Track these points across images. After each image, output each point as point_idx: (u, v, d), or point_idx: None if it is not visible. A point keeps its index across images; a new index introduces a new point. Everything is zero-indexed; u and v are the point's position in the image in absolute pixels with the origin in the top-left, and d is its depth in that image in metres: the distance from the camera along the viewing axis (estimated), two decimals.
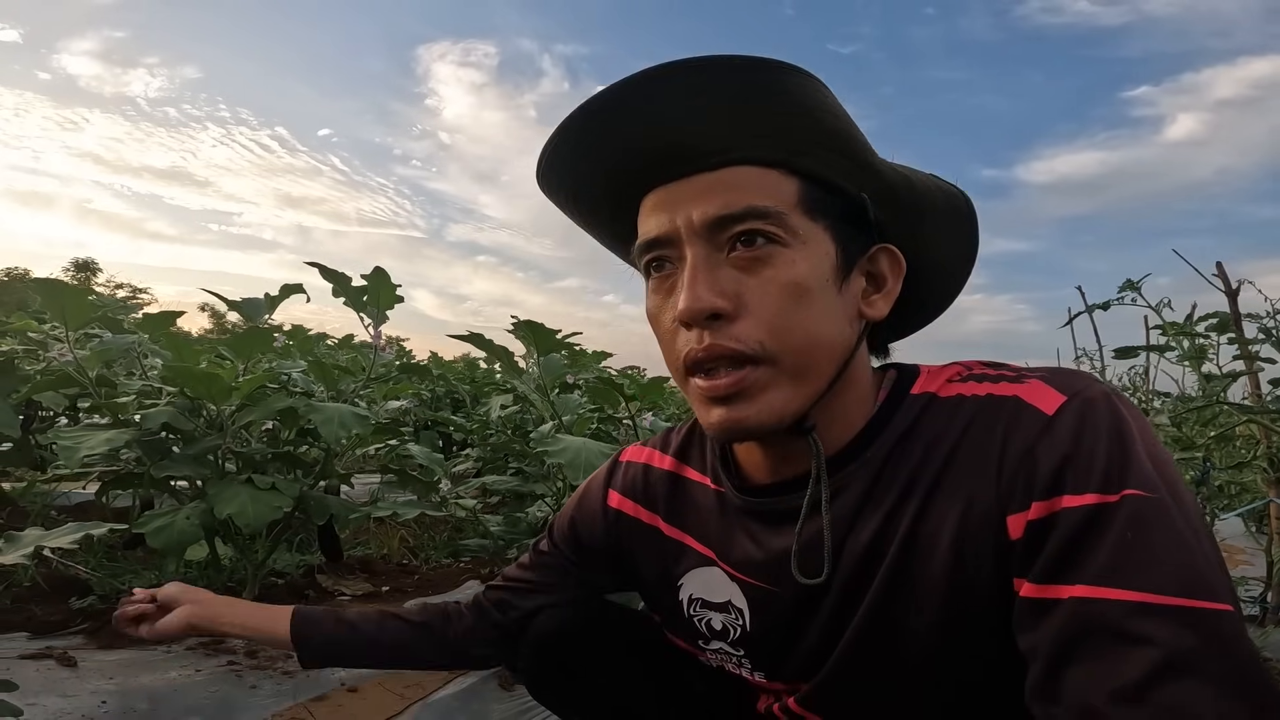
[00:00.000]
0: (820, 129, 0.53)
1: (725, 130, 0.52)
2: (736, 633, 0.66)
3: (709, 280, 0.52)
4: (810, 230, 0.53)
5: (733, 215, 0.52)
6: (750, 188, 0.52)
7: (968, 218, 0.63)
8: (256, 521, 1.34)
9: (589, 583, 0.80)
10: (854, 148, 0.54)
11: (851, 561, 0.56)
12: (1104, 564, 0.43)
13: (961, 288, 0.66)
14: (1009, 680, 0.52)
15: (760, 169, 0.53)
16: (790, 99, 0.51)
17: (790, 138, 0.53)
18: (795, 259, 0.52)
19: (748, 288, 0.52)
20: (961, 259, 0.65)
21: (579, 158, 0.57)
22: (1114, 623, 0.41)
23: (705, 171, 0.53)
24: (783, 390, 0.53)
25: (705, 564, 0.68)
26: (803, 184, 0.54)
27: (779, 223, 0.52)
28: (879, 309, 0.58)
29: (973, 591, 0.51)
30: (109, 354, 1.48)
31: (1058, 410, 0.49)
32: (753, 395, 0.53)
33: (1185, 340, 1.62)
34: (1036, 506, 0.47)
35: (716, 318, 0.52)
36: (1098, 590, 0.43)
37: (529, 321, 1.47)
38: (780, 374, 0.53)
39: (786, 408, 0.54)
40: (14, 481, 2.44)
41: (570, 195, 0.62)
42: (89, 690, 1.30)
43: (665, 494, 0.72)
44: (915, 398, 0.57)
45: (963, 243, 0.64)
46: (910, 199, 0.58)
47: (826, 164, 0.54)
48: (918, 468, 0.54)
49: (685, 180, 0.54)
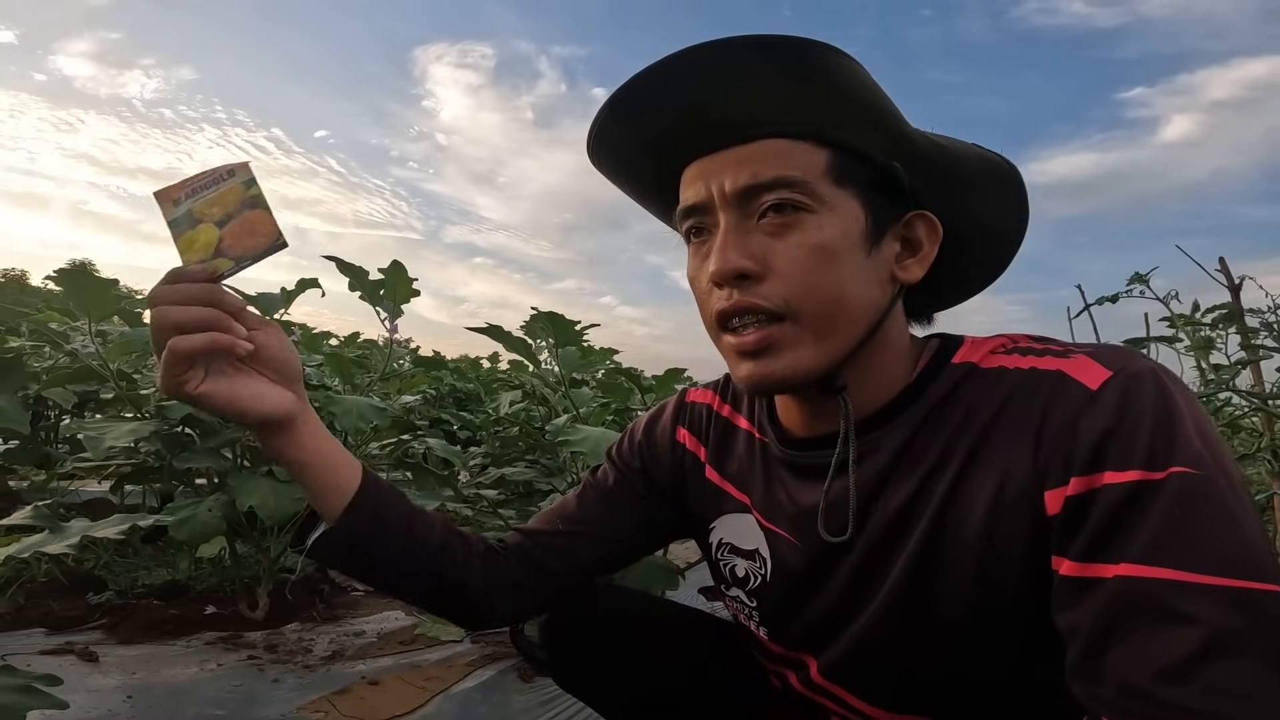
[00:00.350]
0: (851, 102, 0.55)
1: (759, 105, 0.55)
2: (756, 581, 0.68)
3: (739, 244, 0.55)
4: (838, 197, 0.55)
5: (761, 184, 0.55)
6: (780, 159, 0.55)
7: (1013, 186, 0.63)
8: (278, 513, 1.34)
9: (644, 520, 0.77)
10: (885, 119, 0.57)
11: (880, 525, 0.57)
12: (1149, 542, 0.42)
13: (1011, 257, 0.67)
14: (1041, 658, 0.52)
15: (791, 141, 0.56)
16: (822, 74, 0.54)
17: (821, 111, 0.55)
18: (822, 224, 0.55)
19: (775, 251, 0.55)
20: (1008, 227, 0.65)
21: (626, 132, 0.61)
22: (1159, 601, 0.41)
23: (741, 144, 0.56)
24: (808, 347, 0.55)
25: (739, 510, 0.70)
26: (832, 154, 0.56)
27: (805, 190, 0.55)
28: (913, 273, 0.59)
29: (1006, 568, 0.51)
30: (131, 346, 1.48)
31: (1102, 385, 0.48)
32: (779, 350, 0.56)
33: (1193, 331, 1.64)
34: (1076, 482, 0.46)
35: (745, 278, 0.55)
36: (1143, 569, 0.42)
37: (549, 313, 1.48)
38: (804, 330, 0.55)
39: (812, 363, 0.56)
40: (19, 480, 2.43)
41: (620, 167, 0.66)
42: (112, 685, 1.30)
43: (716, 438, 0.74)
44: (955, 366, 0.58)
45: (1008, 211, 0.64)
46: (946, 167, 0.60)
47: (856, 135, 0.56)
48: (954, 436, 0.54)
49: (723, 152, 0.57)
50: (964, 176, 0.61)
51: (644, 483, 0.77)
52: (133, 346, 1.49)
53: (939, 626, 0.56)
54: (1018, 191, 0.64)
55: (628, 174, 0.67)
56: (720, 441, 0.74)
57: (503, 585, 0.71)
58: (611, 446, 0.82)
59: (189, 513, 1.32)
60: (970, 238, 0.63)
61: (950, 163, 0.60)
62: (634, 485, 0.77)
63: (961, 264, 0.64)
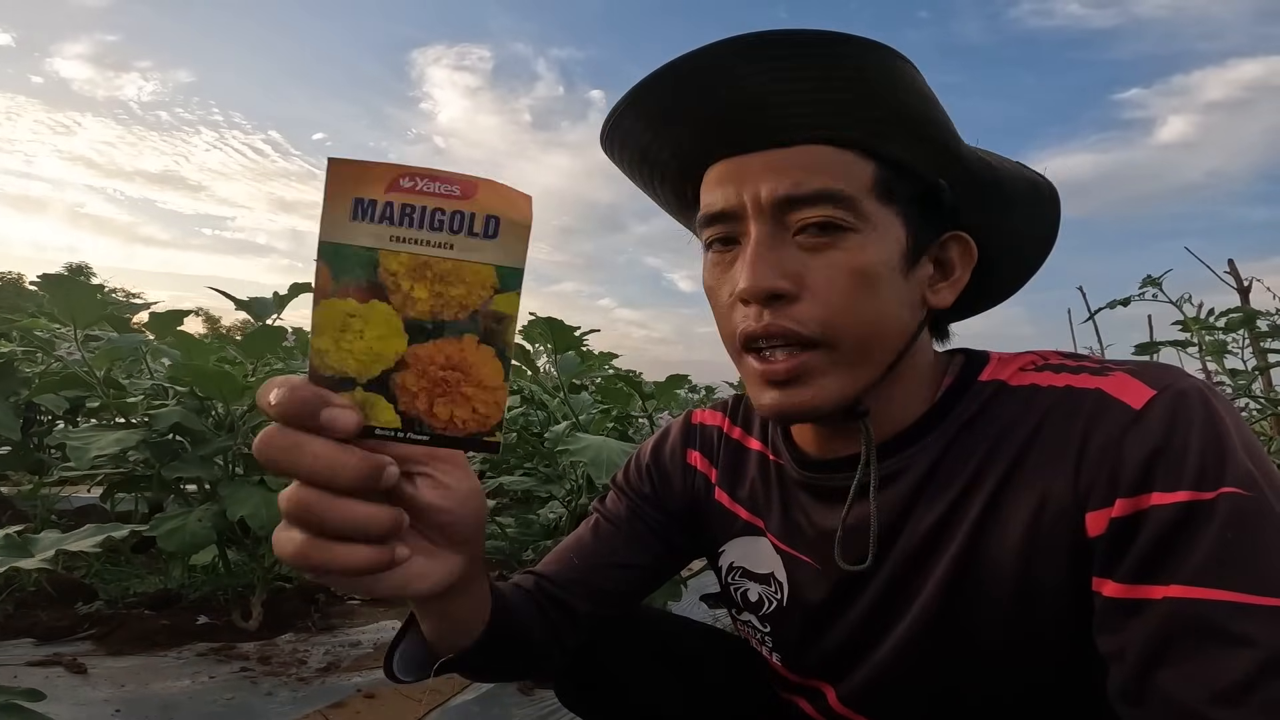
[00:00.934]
0: (904, 112, 0.50)
1: (806, 105, 0.50)
2: (770, 606, 0.65)
3: (773, 259, 0.50)
4: (881, 215, 0.51)
5: (804, 196, 0.50)
6: (824, 168, 0.50)
7: (1051, 207, 0.60)
8: (271, 524, 1.31)
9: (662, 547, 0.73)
10: (937, 132, 0.52)
11: (907, 549, 0.55)
12: (1201, 563, 0.41)
13: (1034, 273, 0.65)
14: (1076, 684, 0.50)
15: (836, 149, 0.51)
16: (876, 78, 0.49)
17: (872, 119, 0.50)
18: (864, 244, 0.51)
19: (811, 269, 0.50)
20: (1037, 249, 0.63)
21: (651, 121, 0.55)
22: (1213, 623, 0.40)
23: (779, 147, 0.51)
24: (839, 376, 0.52)
25: (751, 533, 0.67)
26: (879, 167, 0.51)
27: (850, 207, 0.50)
28: (944, 298, 0.56)
29: (1043, 590, 0.49)
30: (118, 353, 1.45)
31: (1146, 404, 0.46)
32: (809, 380, 0.52)
33: (1207, 335, 1.61)
34: (1122, 503, 0.44)
35: (777, 298, 0.51)
36: (1195, 590, 0.41)
37: (548, 318, 1.45)
38: (838, 360, 0.52)
39: (842, 393, 0.52)
40: (12, 485, 2.40)
41: (636, 158, 0.60)
42: (101, 698, 1.27)
43: (727, 460, 0.71)
44: (983, 385, 0.55)
45: (1041, 232, 0.62)
46: (992, 187, 0.56)
47: (907, 148, 0.52)
48: (986, 457, 0.52)
49: (758, 154, 0.52)
50: (1008, 197, 0.57)
51: (657, 509, 0.73)
52: (119, 354, 1.46)
53: (968, 652, 0.53)
54: (1053, 212, 0.61)
55: (644, 166, 0.61)
56: (731, 464, 0.71)
57: (549, 634, 0.65)
58: (618, 474, 0.79)
59: (178, 523, 1.29)
60: (1000, 257, 0.60)
61: (997, 182, 0.56)
62: (647, 513, 0.73)
63: (987, 283, 0.61)
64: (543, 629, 0.64)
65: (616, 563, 0.70)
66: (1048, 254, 0.63)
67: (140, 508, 2.08)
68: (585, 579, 0.68)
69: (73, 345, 1.36)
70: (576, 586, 0.67)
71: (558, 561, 0.70)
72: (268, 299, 1.71)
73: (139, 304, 1.73)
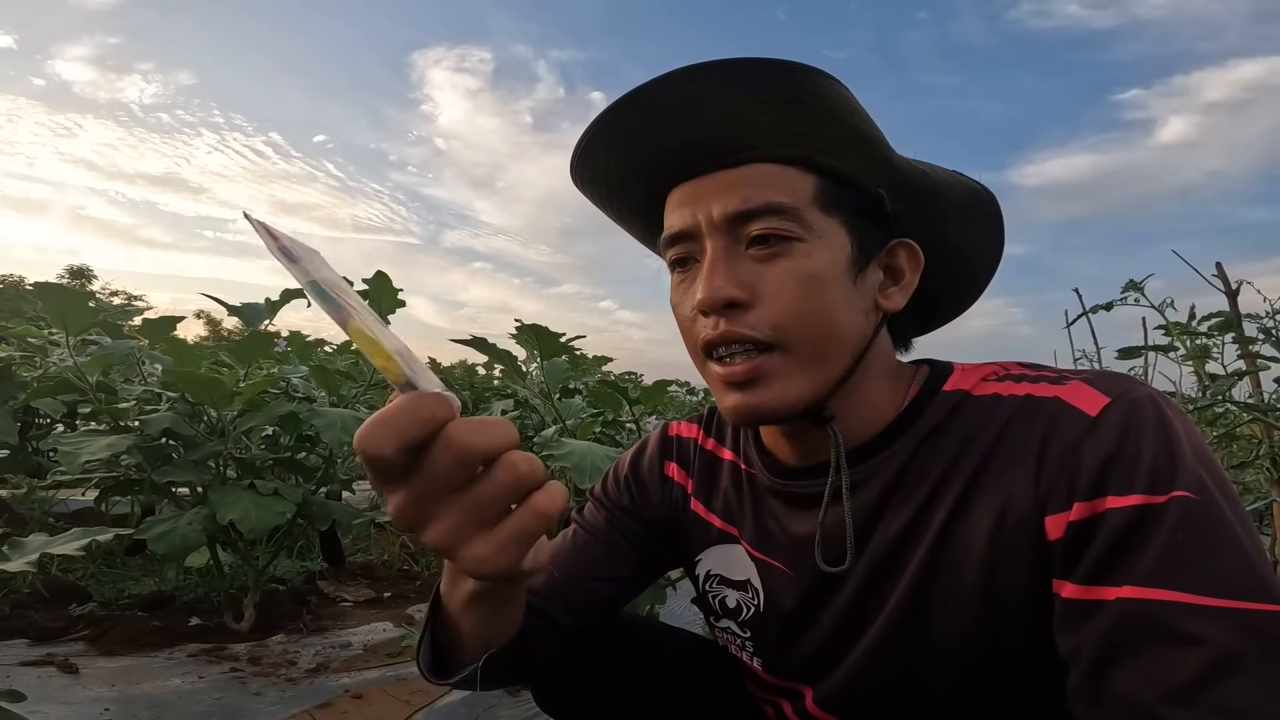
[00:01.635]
0: (839, 128, 0.54)
1: (748, 128, 0.54)
2: (749, 612, 0.66)
3: (727, 271, 0.54)
4: (826, 225, 0.54)
5: (751, 210, 0.53)
6: (769, 184, 0.54)
7: (990, 213, 0.63)
8: (260, 527, 1.33)
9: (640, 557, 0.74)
10: (872, 146, 0.56)
11: (876, 554, 0.56)
12: (1153, 565, 0.42)
13: (986, 283, 0.67)
14: (1042, 686, 0.52)
15: (780, 166, 0.55)
16: (811, 99, 0.53)
17: (810, 136, 0.54)
18: (811, 251, 0.54)
19: (763, 279, 0.54)
20: (985, 254, 0.65)
21: (612, 154, 0.60)
22: (1165, 623, 0.41)
23: (728, 168, 0.55)
24: (797, 377, 0.55)
25: (726, 541, 0.69)
26: (820, 180, 0.55)
27: (794, 218, 0.53)
28: (895, 301, 0.59)
29: (1007, 593, 0.51)
30: (109, 359, 1.47)
31: (1101, 411, 0.48)
32: (768, 381, 0.54)
33: (1189, 340, 1.62)
34: (1079, 507, 0.46)
35: (733, 306, 0.54)
36: (1147, 591, 0.42)
37: (533, 325, 1.46)
38: (793, 360, 0.54)
39: (801, 393, 0.55)
40: (11, 488, 2.42)
41: (604, 190, 0.65)
42: (91, 697, 1.29)
43: (701, 470, 0.73)
44: (947, 394, 0.57)
45: (986, 238, 0.64)
46: (928, 194, 0.59)
47: (845, 161, 0.55)
48: (951, 464, 0.54)
49: (709, 176, 0.56)
50: (946, 204, 0.60)
51: (635, 520, 0.75)
52: (111, 360, 1.49)
53: (938, 654, 0.55)
54: (995, 220, 0.64)
55: (612, 197, 0.65)
56: (705, 474, 0.73)
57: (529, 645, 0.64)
58: (596, 485, 0.80)
59: (168, 526, 1.31)
60: (948, 265, 0.63)
61: (933, 190, 0.59)
62: (625, 524, 0.74)
63: (939, 291, 0.64)
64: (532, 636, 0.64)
65: (595, 574, 0.71)
66: (996, 262, 0.66)
67: (135, 510, 2.10)
68: (565, 591, 0.69)
69: (65, 351, 1.38)
70: (557, 598, 0.68)
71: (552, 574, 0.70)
72: (260, 305, 1.73)
73: (132, 310, 1.75)
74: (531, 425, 2.47)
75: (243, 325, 1.72)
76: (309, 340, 2.67)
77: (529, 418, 2.56)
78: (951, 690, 0.56)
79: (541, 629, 0.66)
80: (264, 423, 1.54)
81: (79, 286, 45.28)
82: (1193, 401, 1.72)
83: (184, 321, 1.78)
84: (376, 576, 2.25)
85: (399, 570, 2.38)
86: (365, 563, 2.36)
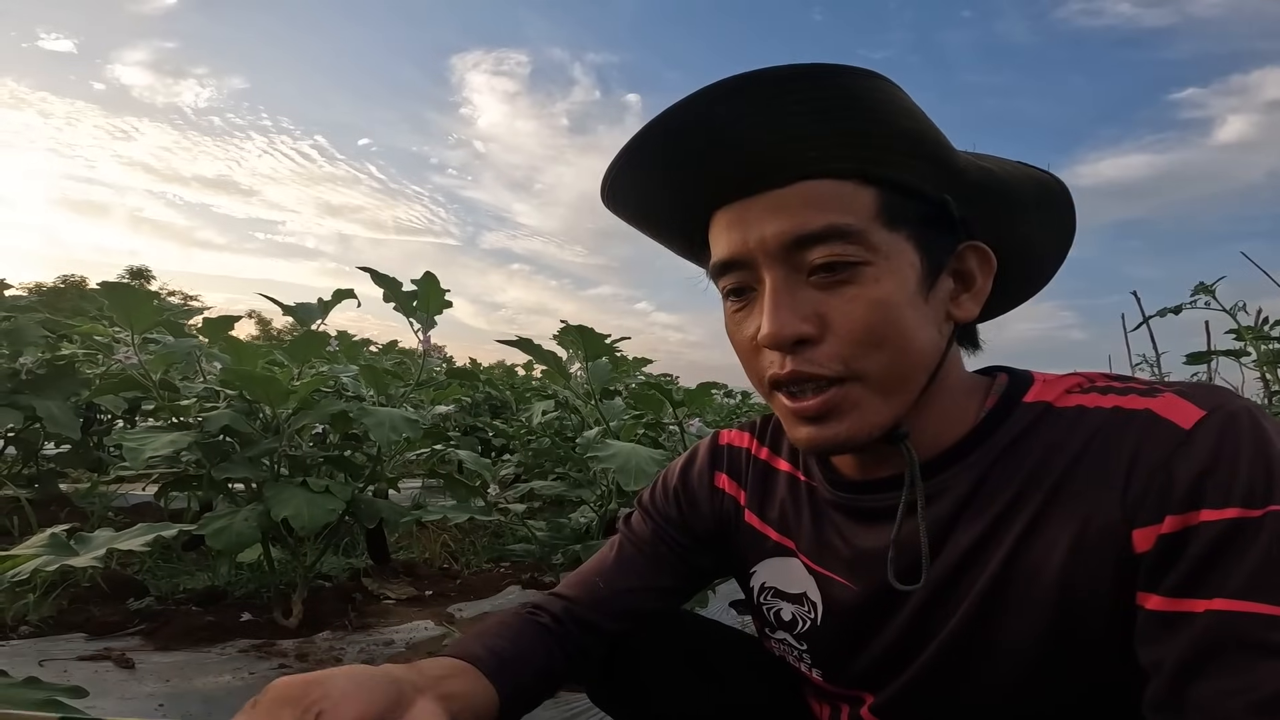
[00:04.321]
0: (895, 133, 0.50)
1: (794, 143, 0.50)
2: (805, 625, 0.65)
3: (791, 304, 0.51)
4: (892, 242, 0.51)
5: (810, 235, 0.50)
6: (826, 203, 0.50)
7: (1063, 205, 0.60)
8: (312, 524, 1.35)
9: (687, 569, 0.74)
10: (931, 148, 0.52)
11: (946, 568, 0.55)
12: (1246, 578, 0.41)
13: (1055, 272, 0.65)
14: (1107, 704, 0.50)
15: (835, 181, 0.51)
16: (861, 104, 0.49)
17: (864, 146, 0.50)
18: (880, 275, 0.51)
19: (831, 307, 0.51)
20: (1055, 245, 0.63)
21: (645, 178, 0.57)
22: (1253, 636, 0.40)
23: (778, 187, 0.51)
24: (873, 406, 0.53)
25: (783, 554, 0.67)
26: (881, 193, 0.51)
27: (858, 240, 0.50)
28: (968, 310, 0.56)
29: (1085, 607, 0.49)
30: (173, 357, 1.51)
31: (1196, 424, 0.46)
32: (843, 413, 0.53)
33: (1261, 344, 1.55)
34: (1170, 520, 0.45)
35: (801, 342, 0.51)
36: (1238, 604, 0.41)
37: (579, 326, 1.46)
38: (869, 390, 0.52)
39: (877, 422, 0.53)
40: (73, 483, 2.52)
41: (639, 213, 0.62)
42: (145, 693, 1.32)
43: (755, 481, 0.71)
44: (1028, 406, 0.55)
45: (1058, 230, 0.62)
46: (997, 193, 0.56)
47: (904, 169, 0.52)
48: (1030, 477, 0.52)
49: (758, 197, 0.52)
50: (1016, 201, 0.57)
51: (683, 532, 0.74)
52: (174, 358, 1.53)
53: (1004, 664, 0.53)
54: (1067, 210, 0.61)
55: (648, 220, 0.63)
56: (759, 485, 0.71)
57: (576, 658, 0.68)
58: (644, 493, 0.79)
59: (225, 522, 1.34)
60: (1018, 260, 0.60)
61: (1002, 188, 0.56)
62: (673, 536, 0.74)
63: (1007, 286, 0.61)
64: (564, 655, 0.67)
65: (640, 586, 0.72)
66: (1066, 250, 0.64)
67: (192, 505, 2.16)
68: (610, 602, 0.70)
69: (130, 349, 1.42)
70: (602, 608, 0.69)
71: (582, 584, 0.72)
72: (313, 305, 1.77)
73: (193, 309, 1.81)
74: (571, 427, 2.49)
75: (295, 325, 1.76)
76: (356, 340, 2.72)
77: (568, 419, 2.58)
78: (1014, 699, 0.54)
79: (588, 642, 0.68)
80: (316, 420, 1.57)
81: (139, 286, 47.46)
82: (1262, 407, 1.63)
83: (238, 321, 1.83)
84: (418, 574, 2.28)
85: (439, 568, 2.40)
86: (408, 560, 2.38)
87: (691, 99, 0.50)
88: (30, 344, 1.93)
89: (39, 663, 1.39)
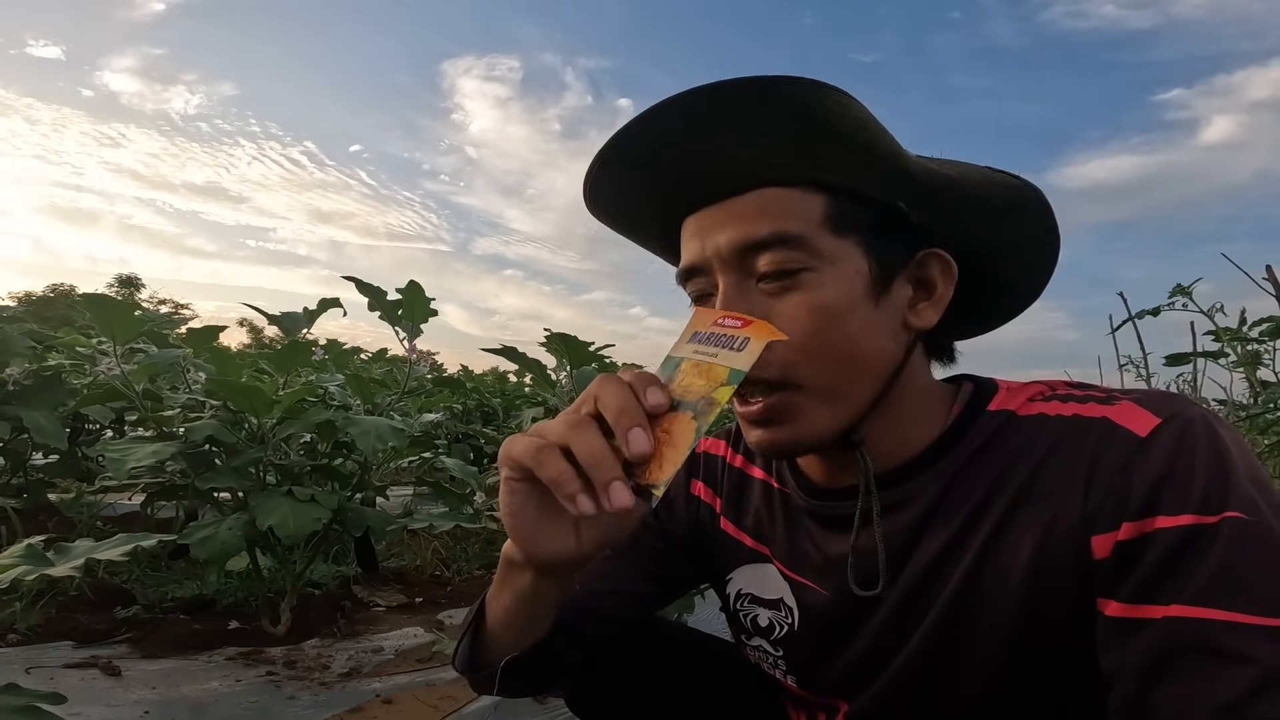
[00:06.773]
0: (844, 142, 0.51)
1: (745, 152, 0.52)
2: (781, 631, 0.66)
3: (738, 309, 0.52)
4: (838, 248, 0.52)
5: (757, 241, 0.52)
6: (775, 211, 0.52)
7: (1036, 209, 0.59)
8: (297, 533, 1.36)
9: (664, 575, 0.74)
10: (882, 156, 0.53)
11: (914, 575, 0.55)
12: (1203, 584, 0.42)
13: (1044, 282, 0.63)
14: (1074, 706, 0.51)
15: (784, 189, 0.52)
16: (814, 114, 0.50)
17: (813, 155, 0.52)
18: (824, 281, 0.52)
19: (776, 313, 0.52)
20: (1035, 253, 0.61)
21: (617, 187, 0.59)
22: (1212, 641, 0.40)
23: (733, 196, 0.53)
24: (816, 412, 0.53)
25: (758, 560, 0.68)
26: (830, 199, 0.52)
27: (803, 247, 0.51)
28: (926, 318, 0.56)
29: (1047, 613, 0.50)
30: (155, 368, 1.52)
31: (1152, 432, 0.47)
32: (786, 418, 0.54)
33: (1240, 345, 1.56)
34: (1128, 527, 0.45)
35: None
36: (1196, 610, 0.41)
37: (562, 334, 1.47)
38: (810, 397, 0.53)
39: (823, 428, 0.54)
40: (60, 493, 2.51)
41: (619, 224, 0.65)
42: (132, 700, 1.32)
43: (730, 488, 0.72)
44: (992, 414, 0.56)
45: (1033, 235, 0.60)
46: (958, 198, 0.56)
47: (854, 176, 0.53)
48: (994, 485, 0.53)
49: (718, 206, 0.54)
50: (979, 206, 0.57)
51: (660, 538, 0.74)
52: (157, 369, 1.53)
53: (974, 672, 0.54)
54: (1042, 215, 0.59)
55: (628, 230, 0.65)
56: (734, 492, 0.72)
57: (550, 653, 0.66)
58: None
59: (210, 531, 1.34)
60: (993, 268, 0.60)
61: (961, 194, 0.56)
62: (650, 543, 0.74)
63: (985, 296, 0.61)
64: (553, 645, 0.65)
65: (618, 590, 0.72)
66: (1053, 258, 0.62)
67: (179, 515, 2.16)
68: (588, 605, 0.69)
69: (113, 360, 1.43)
70: (580, 611, 0.68)
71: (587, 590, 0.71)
72: (298, 314, 1.77)
73: (177, 319, 1.81)
74: None
75: (282, 333, 1.77)
76: (345, 348, 2.72)
77: None
78: (986, 706, 0.55)
79: (562, 639, 0.66)
80: (302, 430, 1.58)
81: (128, 295, 46.79)
82: (1244, 409, 1.65)
83: (227, 329, 1.84)
84: (409, 582, 2.28)
85: (430, 576, 2.40)
86: (398, 568, 2.38)
87: (654, 110, 0.52)
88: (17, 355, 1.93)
89: (26, 670, 1.39)
